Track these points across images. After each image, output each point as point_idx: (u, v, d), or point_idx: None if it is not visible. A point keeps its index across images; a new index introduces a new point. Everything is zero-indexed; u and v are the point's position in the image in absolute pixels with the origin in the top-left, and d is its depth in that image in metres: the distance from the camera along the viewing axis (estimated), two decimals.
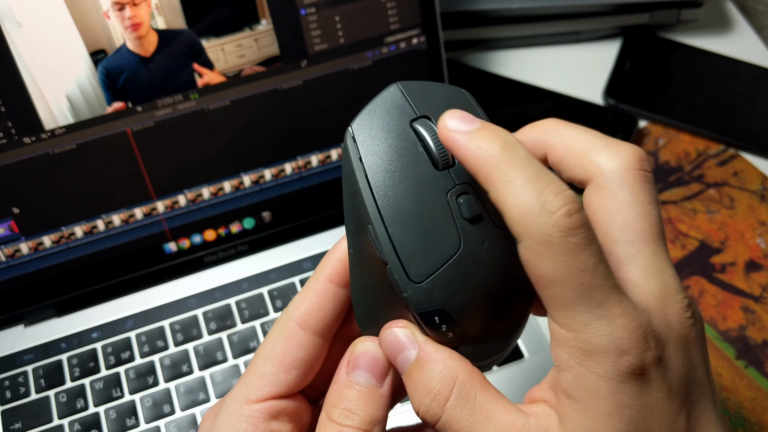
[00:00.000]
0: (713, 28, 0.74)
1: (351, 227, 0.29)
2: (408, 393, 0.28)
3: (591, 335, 0.24)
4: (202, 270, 0.58)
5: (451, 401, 0.26)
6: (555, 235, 0.23)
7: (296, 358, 0.30)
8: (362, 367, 0.29)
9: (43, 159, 0.51)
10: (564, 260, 0.23)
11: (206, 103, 0.53)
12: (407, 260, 0.27)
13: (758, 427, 0.51)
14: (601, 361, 0.24)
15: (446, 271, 0.27)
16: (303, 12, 0.52)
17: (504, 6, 0.68)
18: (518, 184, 0.24)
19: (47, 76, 0.49)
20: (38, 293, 0.55)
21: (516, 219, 0.24)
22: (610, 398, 0.24)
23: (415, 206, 0.27)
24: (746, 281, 0.57)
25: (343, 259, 0.31)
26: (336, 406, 0.28)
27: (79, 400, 0.52)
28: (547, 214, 0.23)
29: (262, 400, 0.30)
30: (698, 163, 0.64)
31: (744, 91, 0.68)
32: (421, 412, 0.27)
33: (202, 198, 0.56)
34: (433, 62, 0.57)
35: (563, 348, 0.25)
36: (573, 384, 0.25)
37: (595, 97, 0.69)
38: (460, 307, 0.27)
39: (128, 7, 0.49)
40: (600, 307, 0.24)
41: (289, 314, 0.31)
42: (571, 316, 0.24)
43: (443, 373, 0.27)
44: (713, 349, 0.54)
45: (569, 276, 0.23)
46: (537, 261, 0.24)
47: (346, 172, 0.28)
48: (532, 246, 0.24)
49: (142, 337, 0.54)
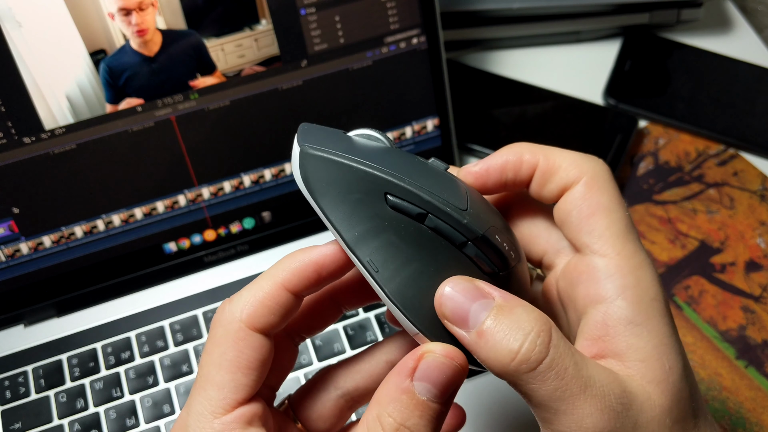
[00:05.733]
0: (713, 28, 0.74)
1: (356, 234, 0.28)
2: (490, 345, 0.26)
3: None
4: (202, 270, 0.58)
5: (555, 339, 0.26)
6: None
7: (252, 359, 0.29)
8: (430, 380, 0.26)
9: (43, 159, 0.51)
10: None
11: (206, 103, 0.53)
12: (445, 199, 0.27)
13: (758, 427, 0.51)
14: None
15: (474, 204, 0.29)
16: (303, 12, 0.52)
17: (504, 6, 0.68)
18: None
19: (47, 76, 0.49)
20: (38, 293, 0.55)
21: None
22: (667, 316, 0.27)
23: (412, 164, 0.29)
24: (746, 281, 0.57)
25: (303, 270, 0.29)
26: (391, 416, 0.26)
27: (79, 400, 0.52)
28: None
29: (230, 409, 0.28)
30: (698, 163, 0.64)
31: (744, 91, 0.68)
32: (520, 356, 0.25)
33: (202, 198, 0.56)
34: (433, 62, 0.57)
35: (610, 279, 0.27)
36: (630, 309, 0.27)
37: (595, 97, 0.69)
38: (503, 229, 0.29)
39: (135, 13, 0.49)
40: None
41: (234, 314, 0.29)
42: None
43: (536, 314, 0.26)
44: (713, 349, 0.54)
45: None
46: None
47: (331, 183, 0.28)
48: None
49: (142, 337, 0.54)
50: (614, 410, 0.26)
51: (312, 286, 0.30)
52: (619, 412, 0.26)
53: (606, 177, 0.30)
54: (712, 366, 0.53)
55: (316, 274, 0.29)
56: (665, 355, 0.27)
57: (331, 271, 0.30)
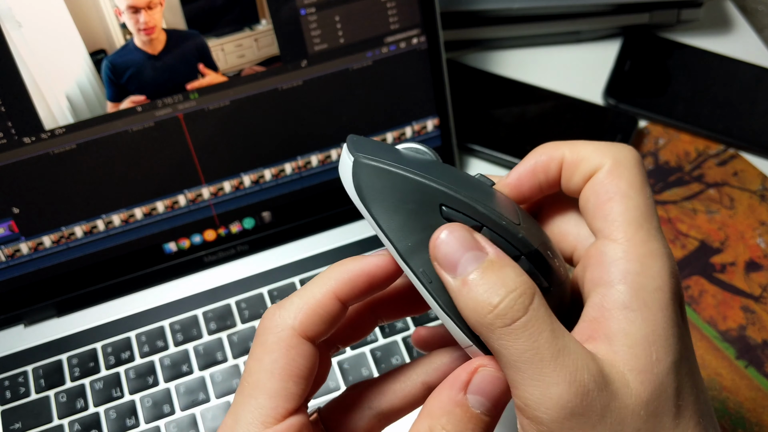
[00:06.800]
0: (713, 28, 0.74)
1: (409, 244, 0.28)
2: (472, 295, 0.26)
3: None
4: (202, 270, 0.58)
5: (536, 303, 0.25)
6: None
7: (303, 368, 0.28)
8: (483, 394, 0.27)
9: (43, 159, 0.51)
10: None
11: (206, 103, 0.53)
12: (500, 212, 0.27)
13: (758, 427, 0.51)
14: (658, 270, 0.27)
15: (525, 219, 0.29)
16: (303, 12, 0.52)
17: (504, 6, 0.68)
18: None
19: (47, 76, 0.49)
20: (38, 293, 0.55)
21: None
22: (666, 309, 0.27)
23: (462, 178, 0.30)
24: (746, 281, 0.57)
25: (355, 279, 0.29)
26: (445, 428, 0.26)
27: (79, 400, 0.52)
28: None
29: (281, 419, 0.28)
30: (698, 163, 0.64)
31: (744, 91, 0.68)
32: (498, 310, 0.25)
33: (202, 198, 0.56)
34: (433, 62, 0.57)
35: (615, 264, 0.27)
36: (629, 295, 0.26)
37: (595, 97, 0.69)
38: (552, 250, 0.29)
39: (144, 12, 0.49)
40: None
41: (286, 321, 0.29)
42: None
43: (525, 278, 0.26)
44: (713, 349, 0.54)
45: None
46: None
47: (385, 193, 0.28)
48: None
49: (142, 337, 0.54)
50: (584, 387, 0.25)
51: (362, 295, 0.30)
52: (589, 390, 0.25)
53: (630, 162, 0.29)
54: (712, 366, 0.53)
55: (367, 284, 0.29)
56: (655, 345, 0.26)
57: (381, 281, 0.30)
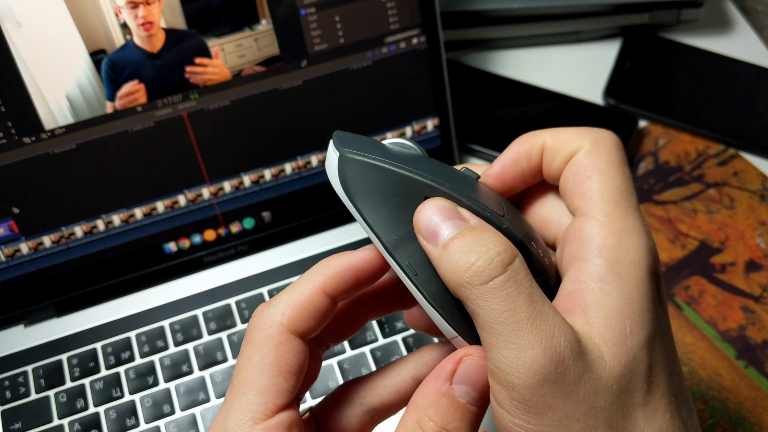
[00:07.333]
0: (713, 28, 0.74)
1: (395, 237, 0.28)
2: (451, 256, 0.26)
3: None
4: (202, 270, 0.58)
5: (516, 264, 0.25)
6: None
7: (292, 364, 0.29)
8: (469, 383, 0.27)
9: (43, 159, 0.51)
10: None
11: (206, 103, 0.53)
12: (483, 204, 0.28)
13: (758, 427, 0.51)
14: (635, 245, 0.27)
15: (509, 210, 0.29)
16: (303, 12, 0.52)
17: (504, 6, 0.68)
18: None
19: (47, 76, 0.49)
20: (38, 293, 0.55)
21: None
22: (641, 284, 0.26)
23: (447, 171, 0.30)
24: (746, 281, 0.57)
25: (342, 274, 0.29)
26: (432, 420, 0.26)
27: (79, 400, 0.52)
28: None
29: (271, 415, 0.28)
30: (698, 163, 0.64)
31: (744, 91, 0.68)
32: (474, 268, 0.25)
33: (202, 198, 0.56)
34: (433, 62, 0.57)
35: (592, 239, 0.27)
36: (605, 268, 0.26)
37: (595, 97, 0.69)
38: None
39: (142, 7, 0.49)
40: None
41: (275, 318, 0.29)
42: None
43: (506, 242, 0.26)
44: (713, 349, 0.54)
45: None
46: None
47: (370, 187, 0.28)
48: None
49: (142, 337, 0.54)
50: (560, 353, 0.24)
51: (350, 290, 0.30)
52: (565, 358, 0.24)
53: (609, 144, 0.29)
54: (712, 366, 0.53)
55: (354, 278, 0.29)
56: (629, 318, 0.26)
57: (368, 276, 0.30)
